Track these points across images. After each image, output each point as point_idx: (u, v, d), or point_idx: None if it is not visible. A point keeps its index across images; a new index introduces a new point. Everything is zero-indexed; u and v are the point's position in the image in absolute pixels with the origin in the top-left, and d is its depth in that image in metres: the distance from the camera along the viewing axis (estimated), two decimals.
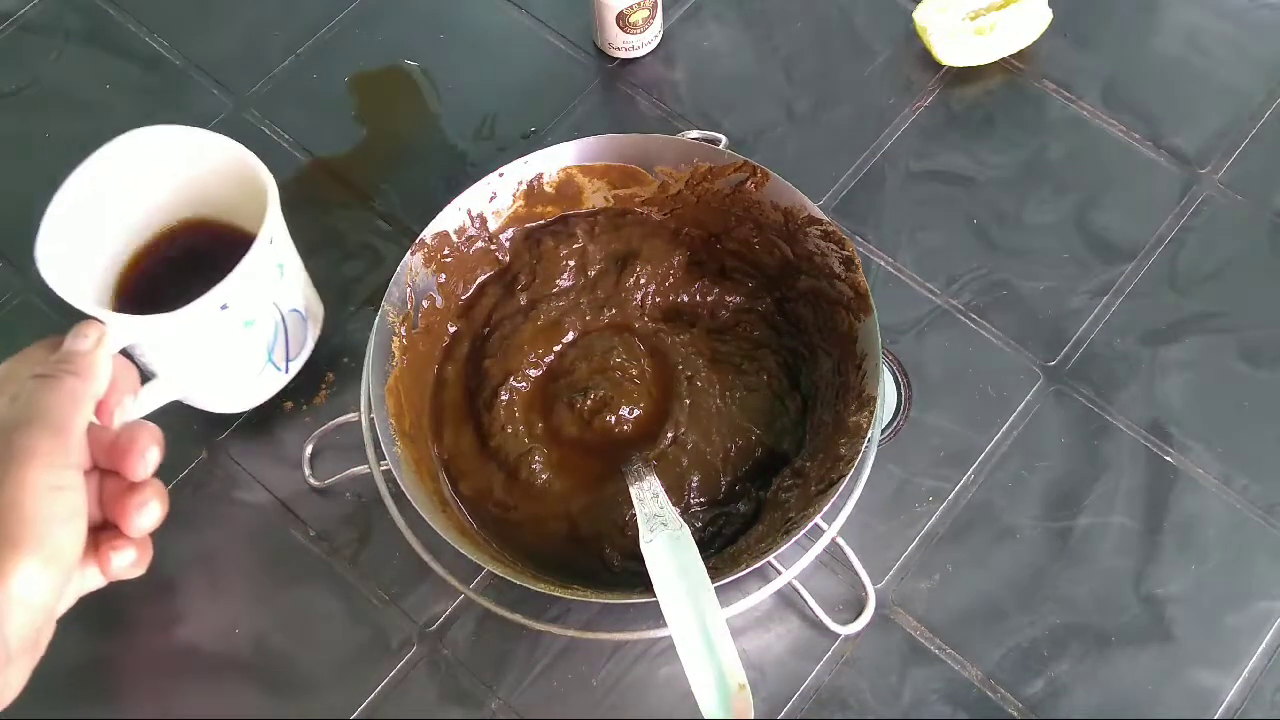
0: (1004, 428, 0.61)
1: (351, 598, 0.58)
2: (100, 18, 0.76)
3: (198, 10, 0.76)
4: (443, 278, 0.59)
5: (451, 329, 0.61)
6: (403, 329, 0.57)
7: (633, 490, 0.53)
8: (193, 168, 0.57)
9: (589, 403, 0.58)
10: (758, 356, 0.60)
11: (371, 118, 0.72)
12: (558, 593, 0.50)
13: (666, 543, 0.49)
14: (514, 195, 0.60)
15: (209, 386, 0.59)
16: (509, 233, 0.61)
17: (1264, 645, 0.56)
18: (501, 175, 0.59)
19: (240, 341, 0.56)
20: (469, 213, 0.59)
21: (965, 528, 0.59)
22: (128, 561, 0.48)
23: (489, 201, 0.59)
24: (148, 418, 0.58)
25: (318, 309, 0.63)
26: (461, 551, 0.51)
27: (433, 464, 0.58)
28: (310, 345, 0.62)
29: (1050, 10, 0.71)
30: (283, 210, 0.55)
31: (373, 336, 0.55)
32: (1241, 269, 0.65)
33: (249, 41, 0.75)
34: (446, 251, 0.59)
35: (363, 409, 0.55)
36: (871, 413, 0.53)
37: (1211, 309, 0.64)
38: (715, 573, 0.50)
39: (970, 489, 0.60)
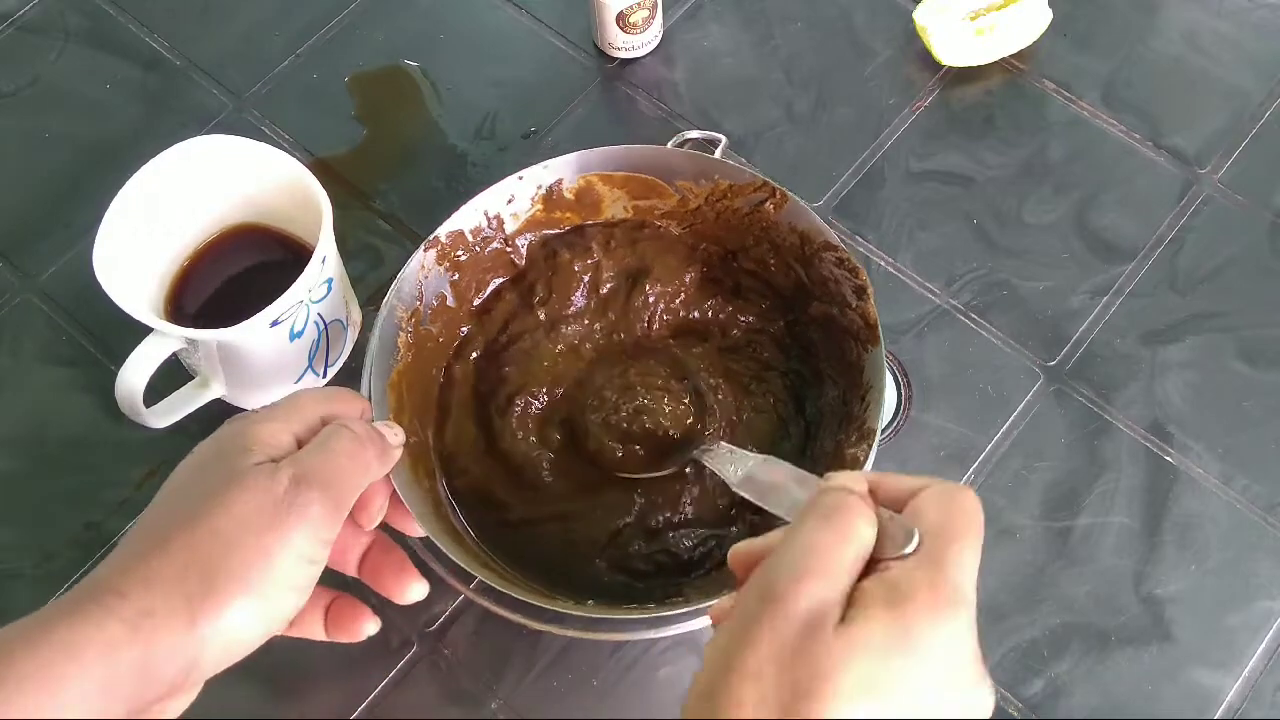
0: (1004, 428, 0.61)
1: None
2: (100, 18, 0.76)
3: (198, 10, 0.76)
4: (455, 276, 0.59)
5: (463, 330, 0.61)
6: (410, 325, 0.57)
7: (711, 464, 0.52)
8: (246, 178, 0.58)
9: (623, 415, 0.57)
10: (766, 379, 0.60)
11: (371, 118, 0.72)
12: (543, 603, 0.50)
13: (759, 465, 0.48)
14: (532, 199, 0.60)
15: (250, 389, 0.60)
16: (525, 238, 0.61)
17: (1264, 645, 0.56)
18: (521, 179, 0.59)
19: (285, 351, 0.57)
20: (486, 214, 0.59)
21: None
22: (373, 631, 0.49)
23: (506, 204, 0.59)
24: (191, 414, 0.59)
25: (357, 316, 0.63)
26: (450, 556, 0.50)
27: (430, 461, 0.58)
28: (348, 351, 0.63)
29: (1050, 10, 0.71)
30: None
31: (377, 331, 0.55)
32: (1241, 269, 0.65)
33: (249, 41, 0.75)
34: (461, 251, 0.59)
35: (372, 402, 0.55)
36: (870, 445, 0.52)
37: (1211, 309, 0.64)
38: (707, 584, 0.49)
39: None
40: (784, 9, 0.75)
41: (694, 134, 0.65)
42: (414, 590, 0.49)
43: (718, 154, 0.61)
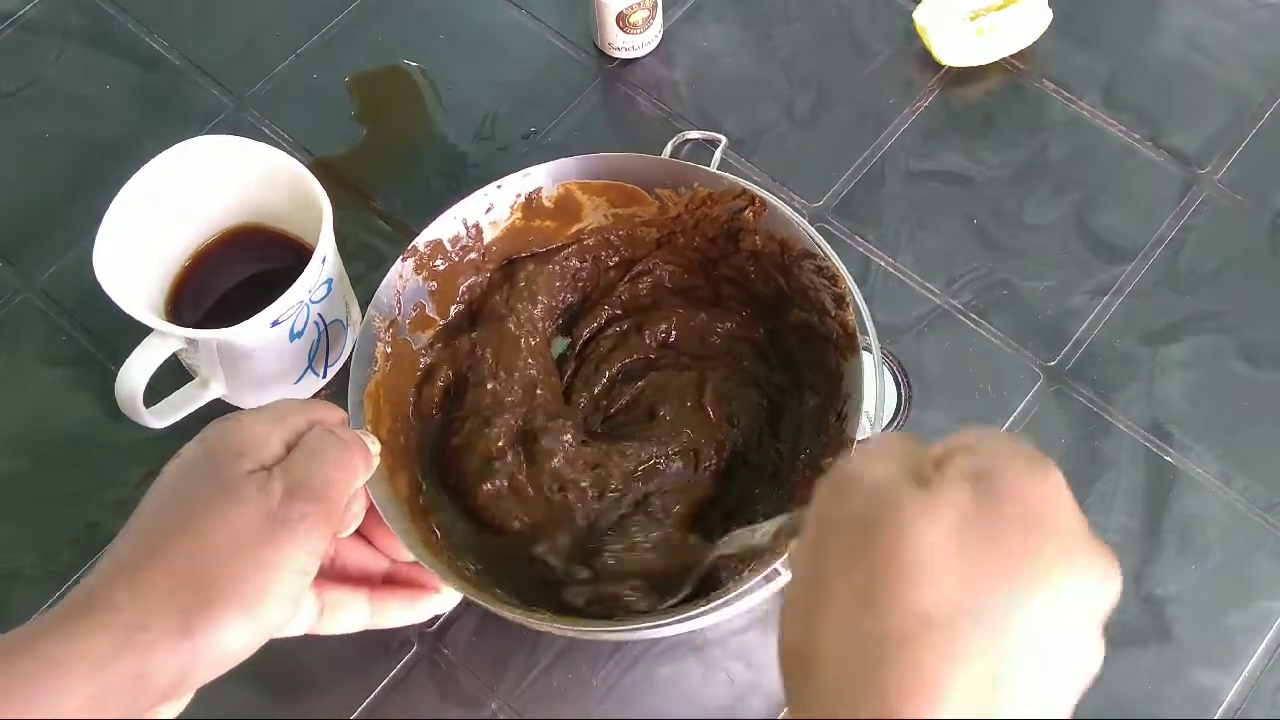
0: (1004, 428, 0.61)
1: None
2: (100, 18, 0.76)
3: (198, 10, 0.76)
4: (434, 285, 0.59)
5: (439, 344, 0.60)
6: (388, 335, 0.56)
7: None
8: (246, 178, 0.58)
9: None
10: (743, 396, 0.59)
11: (371, 118, 0.72)
12: (523, 618, 0.50)
13: None
14: (511, 208, 0.59)
15: (250, 389, 0.60)
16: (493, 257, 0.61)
17: (1264, 645, 0.56)
18: (500, 187, 0.58)
19: (285, 351, 0.57)
20: (465, 222, 0.58)
21: None
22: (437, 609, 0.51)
23: (485, 213, 0.59)
24: (191, 414, 0.59)
25: (357, 316, 0.63)
26: (430, 568, 0.50)
27: (412, 473, 0.56)
28: (347, 351, 0.63)
29: (1050, 10, 0.71)
30: None
31: (356, 340, 0.55)
32: (1241, 269, 0.65)
33: (249, 41, 0.75)
34: (439, 260, 0.58)
35: (349, 412, 0.55)
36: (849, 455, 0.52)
37: (1211, 309, 0.64)
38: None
39: None
40: (784, 9, 0.75)
41: (694, 134, 0.65)
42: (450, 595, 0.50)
43: (717, 154, 0.61)
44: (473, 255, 0.60)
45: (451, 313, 0.60)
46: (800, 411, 0.58)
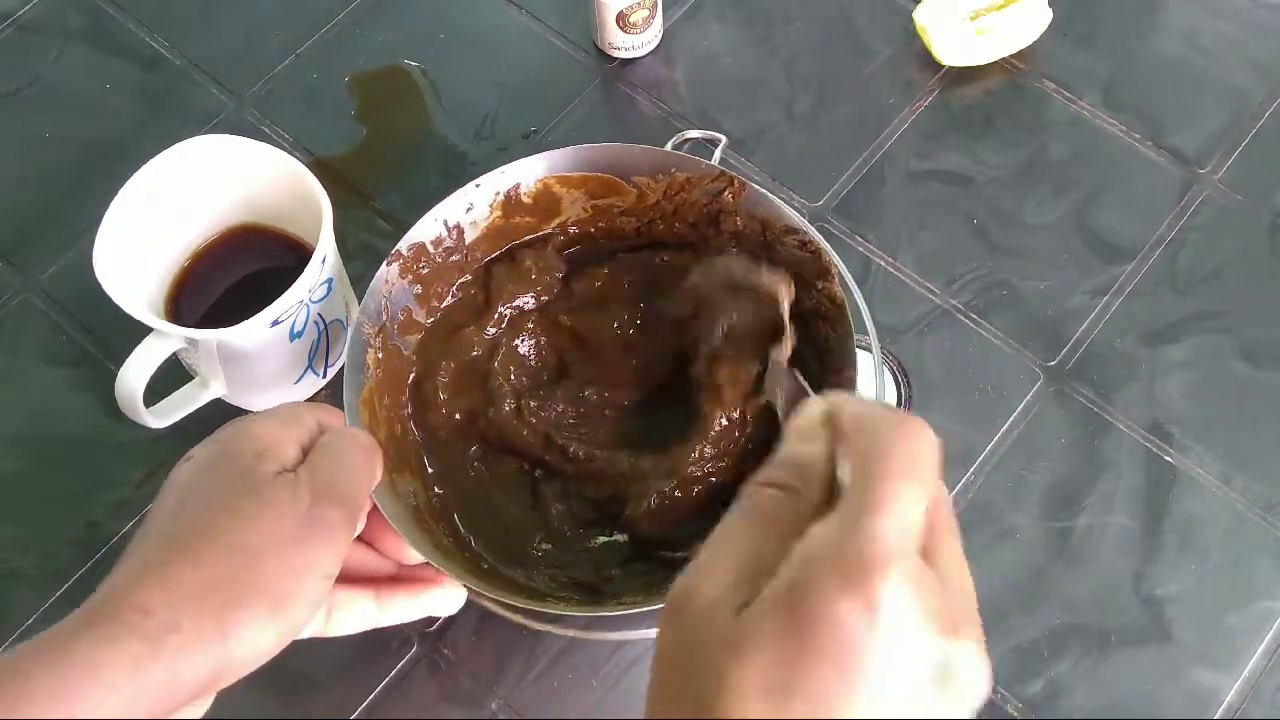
0: (1004, 428, 0.61)
1: None
2: (100, 18, 0.76)
3: (198, 10, 0.76)
4: (419, 289, 0.59)
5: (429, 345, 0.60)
6: (378, 340, 0.56)
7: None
8: (246, 178, 0.58)
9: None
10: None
11: (371, 118, 0.72)
12: (523, 619, 0.50)
13: None
14: (491, 206, 0.59)
15: (250, 389, 0.60)
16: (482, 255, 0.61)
17: (1264, 645, 0.56)
18: (479, 186, 0.58)
19: (285, 351, 0.57)
20: (445, 223, 0.58)
21: (965, 528, 0.58)
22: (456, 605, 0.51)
23: (465, 212, 0.58)
24: (190, 414, 0.59)
25: (356, 315, 0.63)
26: (436, 566, 0.50)
27: (407, 472, 0.56)
28: (347, 351, 0.63)
29: (1050, 10, 0.71)
30: None
31: (346, 348, 0.55)
32: (1241, 269, 0.65)
33: (249, 41, 0.75)
34: (423, 263, 0.58)
35: (346, 419, 0.55)
36: None
37: (1211, 309, 0.64)
38: None
39: (970, 489, 0.60)
40: (784, 9, 0.75)
41: (694, 134, 0.65)
42: (455, 591, 0.50)
43: (717, 153, 0.61)
44: (455, 256, 0.59)
45: (439, 313, 0.60)
46: None
